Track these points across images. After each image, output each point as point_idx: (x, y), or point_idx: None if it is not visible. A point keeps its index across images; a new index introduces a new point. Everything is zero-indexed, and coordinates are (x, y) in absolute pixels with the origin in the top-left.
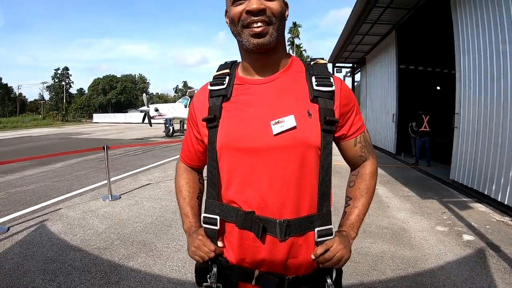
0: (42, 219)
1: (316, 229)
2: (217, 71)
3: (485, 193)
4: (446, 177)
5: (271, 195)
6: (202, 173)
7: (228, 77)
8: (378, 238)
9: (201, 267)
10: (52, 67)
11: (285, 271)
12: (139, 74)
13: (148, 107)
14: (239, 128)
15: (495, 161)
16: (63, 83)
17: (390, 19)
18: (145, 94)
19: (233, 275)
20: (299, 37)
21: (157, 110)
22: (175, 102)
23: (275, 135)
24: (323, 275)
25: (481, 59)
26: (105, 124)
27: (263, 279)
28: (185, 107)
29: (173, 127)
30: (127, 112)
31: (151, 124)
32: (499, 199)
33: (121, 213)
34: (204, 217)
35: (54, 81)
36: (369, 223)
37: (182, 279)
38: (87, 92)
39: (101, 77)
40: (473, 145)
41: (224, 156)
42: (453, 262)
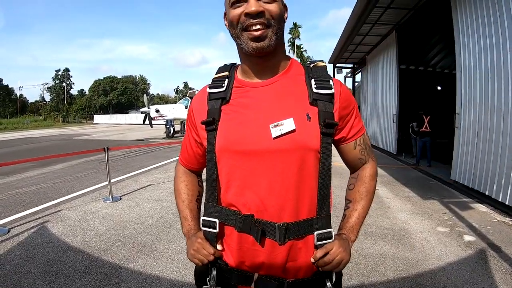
0: (42, 221)
1: (315, 233)
2: (216, 73)
3: (486, 193)
4: (447, 178)
5: (270, 198)
6: (201, 175)
7: (227, 80)
8: (379, 239)
9: (200, 270)
10: (52, 67)
11: (285, 274)
12: (140, 75)
13: (148, 108)
14: (238, 131)
15: (496, 161)
16: (64, 84)
17: (390, 20)
18: (145, 95)
19: (233, 278)
20: (300, 37)
21: (157, 111)
22: (175, 103)
23: (274, 138)
24: (323, 278)
25: (481, 59)
26: (105, 125)
27: (262, 283)
28: (186, 108)
29: (174, 128)
30: (127, 113)
31: (151, 125)
32: (500, 200)
33: (121, 214)
34: (203, 220)
35: (55, 82)
36: (370, 224)
37: (182, 281)
38: (87, 93)
39: (102, 78)
40: (473, 145)
41: (223, 159)
42: (454, 263)
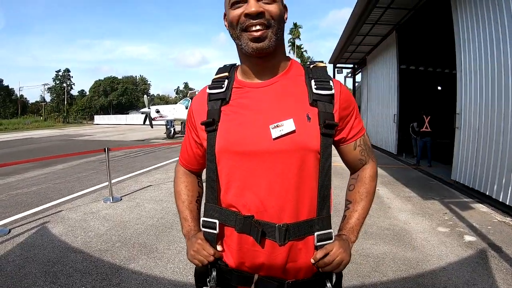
0: (43, 221)
1: (315, 233)
2: (216, 74)
3: (487, 193)
4: (447, 178)
5: (270, 199)
6: (201, 176)
7: (227, 81)
8: (379, 239)
9: (200, 271)
10: (53, 68)
11: (285, 275)
12: (140, 75)
13: (149, 108)
14: (238, 132)
15: (497, 161)
16: (64, 85)
17: (390, 20)
18: (146, 95)
19: (233, 279)
20: (300, 38)
21: (158, 111)
22: (176, 103)
23: (274, 139)
24: (323, 279)
25: (482, 59)
26: (106, 125)
27: (263, 283)
28: (186, 108)
29: (174, 129)
30: (128, 113)
31: (152, 125)
32: (500, 200)
33: (122, 215)
34: (203, 221)
35: (55, 83)
36: (370, 224)
37: (183, 281)
38: (88, 93)
39: (102, 79)
40: (474, 145)
41: (223, 160)
42: (454, 263)
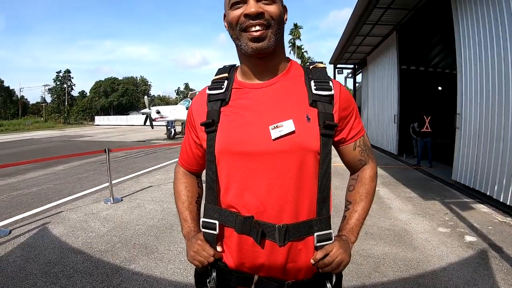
0: (44, 222)
1: (315, 234)
2: (216, 75)
3: (487, 193)
4: (448, 178)
5: (270, 200)
6: (201, 177)
7: (226, 81)
8: (380, 239)
9: (200, 272)
10: (54, 69)
11: (285, 275)
12: (141, 76)
13: (149, 109)
14: (237, 132)
15: (497, 162)
16: (65, 86)
17: (390, 20)
18: (146, 96)
19: (232, 280)
20: (300, 38)
21: (158, 112)
22: (176, 104)
23: (274, 140)
24: (323, 279)
25: (482, 58)
26: (106, 126)
27: (262, 284)
28: (187, 109)
29: (175, 129)
30: (128, 114)
31: (152, 126)
32: (501, 200)
33: (123, 215)
34: (203, 221)
35: (55, 84)
36: (370, 225)
37: (183, 282)
38: (88, 94)
39: (103, 80)
40: (475, 145)
41: (222, 160)
42: (455, 263)
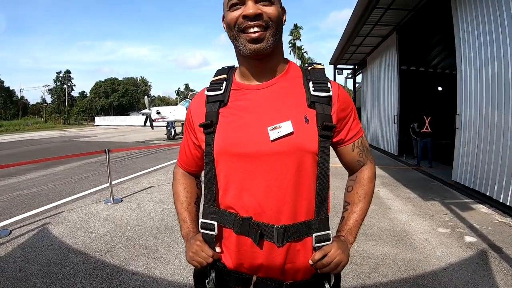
0: (44, 222)
1: (313, 235)
2: (214, 76)
3: (487, 194)
4: (448, 178)
5: (268, 201)
6: (199, 178)
7: (225, 83)
8: (379, 240)
9: (199, 272)
10: (54, 69)
11: (283, 276)
12: (141, 76)
13: (150, 110)
14: (236, 133)
15: (497, 162)
16: (65, 86)
17: (390, 20)
18: (146, 97)
19: (231, 280)
20: (300, 39)
21: (158, 113)
22: (176, 104)
23: (272, 141)
24: (321, 280)
25: (482, 59)
26: (107, 127)
27: (261, 285)
28: (187, 109)
29: (175, 130)
30: (128, 115)
31: (152, 127)
32: (501, 200)
33: (122, 216)
34: (201, 222)
35: (56, 84)
36: (370, 225)
37: (183, 283)
38: (89, 95)
39: (103, 80)
40: (475, 146)
41: (221, 161)
42: (455, 264)
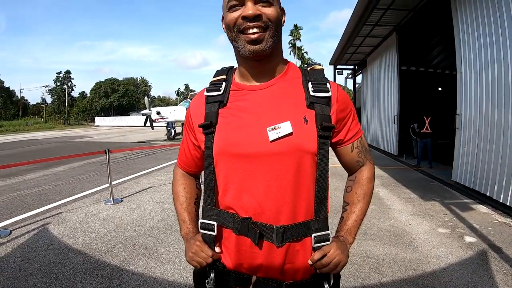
0: (44, 223)
1: (313, 235)
2: (214, 76)
3: (487, 194)
4: (448, 179)
5: (268, 201)
6: (199, 178)
7: (224, 83)
8: (379, 240)
9: (199, 272)
10: (54, 69)
11: (283, 276)
12: (141, 77)
13: (150, 110)
14: (235, 134)
15: (497, 162)
16: (65, 87)
17: (390, 21)
18: (147, 97)
19: (231, 281)
20: (300, 39)
21: (159, 113)
22: (177, 105)
23: (272, 141)
24: (321, 280)
25: (482, 59)
26: (107, 127)
27: (261, 285)
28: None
29: (175, 130)
30: (129, 115)
31: (153, 127)
32: (501, 200)
33: (122, 216)
34: (201, 222)
35: (56, 85)
36: (370, 226)
37: (183, 283)
38: (89, 95)
39: (103, 80)
40: (474, 146)
41: (220, 162)
42: (455, 264)
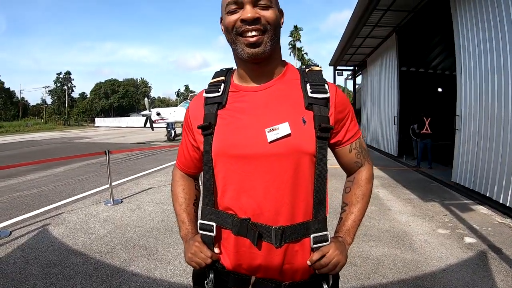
0: (44, 224)
1: (311, 235)
2: (213, 78)
3: (487, 195)
4: (447, 179)
5: (266, 202)
6: (198, 179)
7: (223, 85)
8: (379, 241)
9: (198, 273)
10: (54, 70)
11: (281, 277)
12: (141, 78)
13: (150, 111)
14: (234, 135)
15: (497, 163)
16: (65, 87)
17: (390, 22)
18: (147, 98)
19: (230, 281)
20: (300, 40)
21: (159, 114)
22: (176, 106)
23: (270, 143)
24: (320, 280)
25: (481, 60)
26: (107, 128)
27: (260, 285)
28: None
29: (175, 131)
30: (129, 116)
31: (153, 128)
32: (501, 201)
33: (122, 217)
34: (200, 223)
35: (56, 85)
36: (370, 226)
37: (183, 283)
38: (89, 96)
39: (103, 81)
40: (474, 146)
41: (219, 163)
42: (454, 265)
